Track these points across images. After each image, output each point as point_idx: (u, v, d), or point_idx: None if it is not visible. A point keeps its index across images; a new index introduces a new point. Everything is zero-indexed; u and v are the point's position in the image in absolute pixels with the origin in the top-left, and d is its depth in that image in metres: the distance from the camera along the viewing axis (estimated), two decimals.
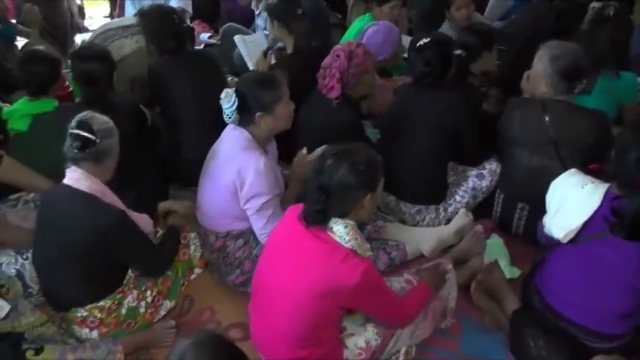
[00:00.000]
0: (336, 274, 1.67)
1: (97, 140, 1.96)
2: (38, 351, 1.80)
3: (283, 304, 1.78)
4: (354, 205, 1.72)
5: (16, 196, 2.54)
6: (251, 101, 2.17)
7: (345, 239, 1.69)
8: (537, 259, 2.11)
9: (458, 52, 2.74)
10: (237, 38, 3.50)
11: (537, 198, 2.10)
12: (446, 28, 3.55)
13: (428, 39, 2.53)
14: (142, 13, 3.12)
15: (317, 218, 1.72)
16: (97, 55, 2.59)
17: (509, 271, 2.41)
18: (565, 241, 1.86)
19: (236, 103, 2.16)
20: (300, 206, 1.82)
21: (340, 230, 1.70)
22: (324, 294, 1.69)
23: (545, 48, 2.42)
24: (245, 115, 2.21)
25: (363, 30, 3.32)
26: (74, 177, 1.99)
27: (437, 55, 2.50)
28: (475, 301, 2.25)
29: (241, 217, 2.26)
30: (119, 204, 2.05)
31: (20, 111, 2.59)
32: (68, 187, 1.99)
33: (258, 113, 2.17)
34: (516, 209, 2.54)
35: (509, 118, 2.53)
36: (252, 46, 3.52)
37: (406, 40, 3.75)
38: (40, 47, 2.94)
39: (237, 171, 2.16)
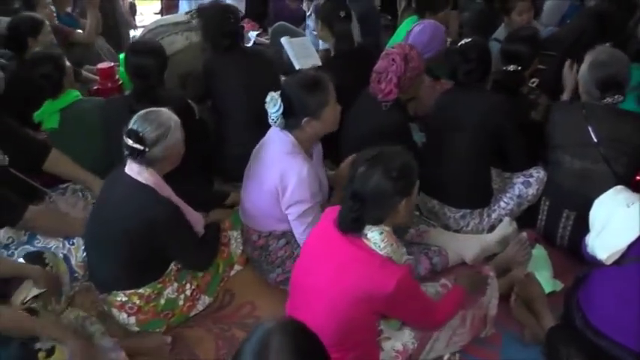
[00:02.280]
0: (371, 281, 1.66)
1: (146, 150, 1.98)
2: (50, 352, 1.78)
3: (319, 307, 1.78)
4: (390, 211, 1.71)
5: (65, 185, 2.64)
6: (297, 106, 2.13)
7: (379, 246, 1.68)
8: (580, 274, 2.03)
9: (511, 68, 2.70)
10: (283, 40, 3.53)
11: (583, 204, 2.06)
12: (502, 33, 3.49)
13: (469, 39, 2.54)
14: (200, 9, 3.19)
15: (352, 226, 1.72)
16: (150, 50, 2.66)
17: (552, 284, 2.35)
18: (609, 262, 1.80)
19: (281, 107, 2.13)
20: (336, 208, 1.81)
21: (375, 237, 1.69)
22: (359, 300, 1.69)
23: (592, 51, 2.40)
24: (291, 120, 2.17)
25: (409, 30, 3.32)
26: (133, 168, 2.03)
27: (477, 55, 2.49)
28: (514, 314, 2.20)
29: (284, 219, 2.26)
30: (174, 198, 2.08)
31: (47, 110, 2.68)
32: (128, 175, 2.04)
33: (304, 118, 2.14)
34: (561, 218, 2.49)
35: (552, 122, 2.51)
36: (298, 48, 3.54)
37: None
38: (39, 49, 3.05)
39: (280, 176, 2.15)
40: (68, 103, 2.67)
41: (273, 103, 2.14)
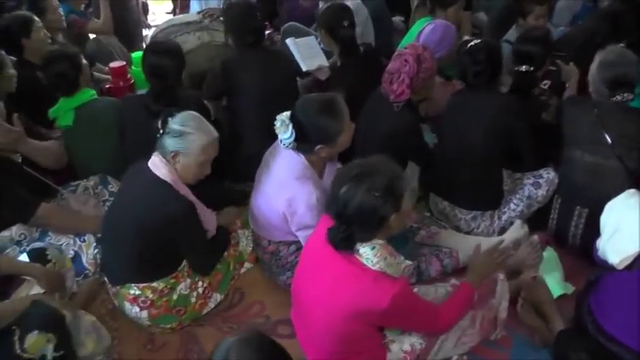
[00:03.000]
0: (364, 298, 1.64)
1: (161, 131, 2.01)
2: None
3: (317, 319, 1.78)
4: (379, 228, 1.67)
5: (76, 182, 2.66)
6: (311, 133, 2.06)
7: (372, 261, 1.65)
8: (592, 278, 2.01)
9: (523, 68, 2.68)
10: (288, 41, 3.49)
11: (595, 201, 2.05)
12: (513, 35, 3.47)
13: (478, 40, 2.54)
14: (228, 5, 3.18)
15: (342, 245, 1.68)
16: (168, 50, 2.66)
17: (563, 287, 2.34)
18: (621, 267, 1.78)
19: (293, 134, 2.05)
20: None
21: (367, 253, 1.66)
22: (354, 315, 1.68)
23: (602, 51, 2.42)
24: (303, 145, 2.10)
25: (420, 29, 3.30)
26: (155, 161, 2.05)
27: (487, 56, 2.48)
28: (522, 319, 2.18)
29: (293, 234, 2.22)
30: (191, 197, 2.09)
31: (62, 107, 2.69)
32: (149, 169, 2.05)
33: (318, 146, 2.08)
34: (573, 216, 2.47)
35: (563, 117, 2.53)
36: (304, 49, 3.50)
37: None
38: (55, 47, 3.06)
39: (287, 202, 2.11)
40: (83, 102, 2.69)
41: (284, 129, 2.07)
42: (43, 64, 2.70)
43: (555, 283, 2.31)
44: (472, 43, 2.54)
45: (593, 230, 2.05)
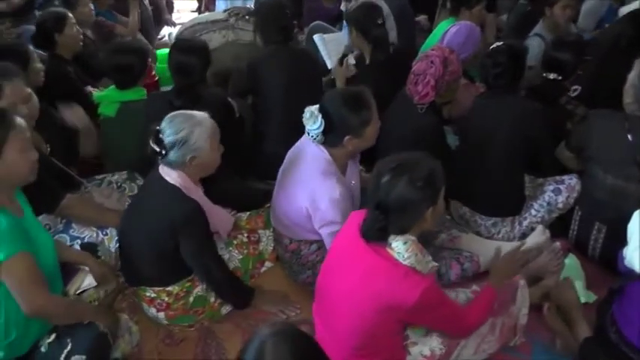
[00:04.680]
0: (394, 291, 1.65)
1: (163, 152, 1.98)
2: None
3: (343, 313, 1.78)
4: (415, 220, 1.68)
5: (101, 176, 2.70)
6: (339, 124, 2.08)
7: (403, 256, 1.66)
8: (615, 286, 1.98)
9: (552, 76, 2.64)
10: (316, 37, 3.50)
11: (615, 220, 2.03)
12: (539, 29, 3.44)
13: (501, 43, 2.51)
14: (260, 2, 3.21)
15: (377, 236, 1.69)
16: (194, 48, 2.68)
17: (585, 295, 2.31)
18: None
19: (322, 125, 2.07)
20: (361, 213, 1.79)
21: (399, 247, 1.67)
22: (383, 309, 1.68)
23: None
24: (331, 137, 2.12)
25: (444, 30, 3.28)
26: (163, 167, 2.06)
27: (508, 59, 2.45)
28: (548, 322, 2.16)
29: (315, 231, 2.22)
30: (202, 200, 2.08)
31: (110, 97, 2.74)
32: (159, 173, 2.06)
33: (346, 137, 2.09)
34: (593, 230, 2.44)
35: (589, 132, 2.42)
36: (331, 46, 3.51)
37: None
38: (129, 39, 3.10)
39: (310, 198, 2.12)
40: (133, 99, 2.73)
41: (313, 120, 2.08)
42: (112, 50, 2.79)
43: (578, 291, 2.28)
44: (494, 45, 2.53)
45: (613, 243, 2.03)
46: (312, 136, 2.13)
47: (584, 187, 2.52)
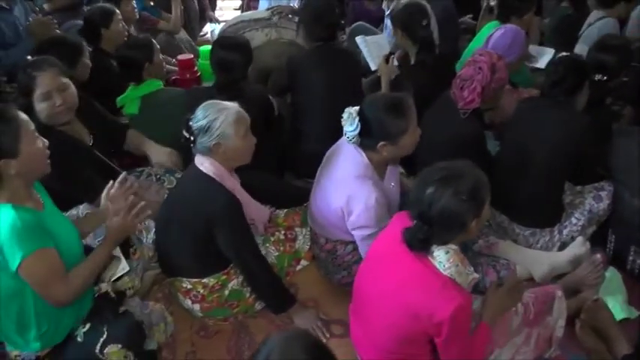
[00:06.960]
0: (428, 301, 1.63)
1: (191, 138, 2.03)
2: None
3: (379, 314, 1.77)
4: (459, 233, 1.66)
5: (140, 169, 2.75)
6: (375, 129, 2.06)
7: (444, 266, 1.64)
8: None
9: (598, 77, 2.58)
10: (358, 39, 3.50)
11: None
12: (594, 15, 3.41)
13: (567, 53, 2.46)
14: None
15: (419, 246, 1.67)
16: (237, 44, 2.71)
17: (627, 311, 2.24)
18: None
19: (359, 127, 2.06)
20: (405, 215, 1.77)
21: (441, 256, 1.65)
22: (415, 317, 1.66)
23: None
24: (366, 140, 2.11)
25: (490, 34, 3.24)
26: (198, 157, 2.09)
27: (566, 69, 2.39)
28: (581, 341, 2.08)
29: (350, 233, 2.22)
30: (238, 190, 2.11)
31: (129, 96, 2.81)
32: (194, 164, 2.10)
33: (381, 142, 2.08)
34: (630, 250, 2.38)
35: (612, 150, 2.38)
36: (374, 47, 3.50)
37: (534, 49, 3.61)
38: (134, 35, 3.17)
39: (346, 200, 2.11)
40: (150, 91, 2.78)
41: (350, 122, 2.08)
42: (120, 47, 2.86)
43: (618, 306, 2.22)
44: (559, 55, 2.48)
45: None
46: (348, 137, 2.13)
47: (615, 209, 2.48)
